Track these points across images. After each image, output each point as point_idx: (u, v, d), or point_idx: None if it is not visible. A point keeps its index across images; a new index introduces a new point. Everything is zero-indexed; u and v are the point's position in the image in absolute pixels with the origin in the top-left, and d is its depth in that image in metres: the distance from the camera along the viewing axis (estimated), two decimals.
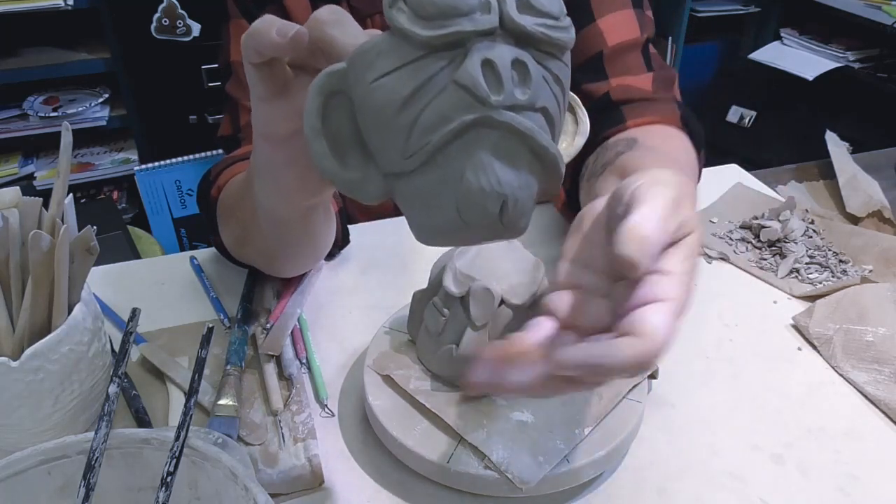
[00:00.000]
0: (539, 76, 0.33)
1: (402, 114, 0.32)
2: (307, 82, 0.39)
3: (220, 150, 1.47)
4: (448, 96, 0.32)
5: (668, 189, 0.36)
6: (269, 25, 0.37)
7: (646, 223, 0.33)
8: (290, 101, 0.41)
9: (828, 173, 0.97)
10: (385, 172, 0.35)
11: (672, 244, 0.35)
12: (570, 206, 0.74)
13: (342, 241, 0.76)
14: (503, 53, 0.32)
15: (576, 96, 0.41)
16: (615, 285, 0.36)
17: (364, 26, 0.75)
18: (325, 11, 0.37)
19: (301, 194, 0.48)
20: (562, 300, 0.37)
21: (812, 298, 0.70)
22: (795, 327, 0.68)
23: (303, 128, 0.35)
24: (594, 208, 0.39)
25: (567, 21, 0.35)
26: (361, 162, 0.35)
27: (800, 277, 0.75)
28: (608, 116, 0.68)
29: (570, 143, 0.42)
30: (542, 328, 0.36)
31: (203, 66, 1.85)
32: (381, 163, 0.35)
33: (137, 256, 1.40)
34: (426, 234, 0.36)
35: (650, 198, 0.35)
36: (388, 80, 0.32)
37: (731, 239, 0.81)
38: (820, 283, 0.74)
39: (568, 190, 0.72)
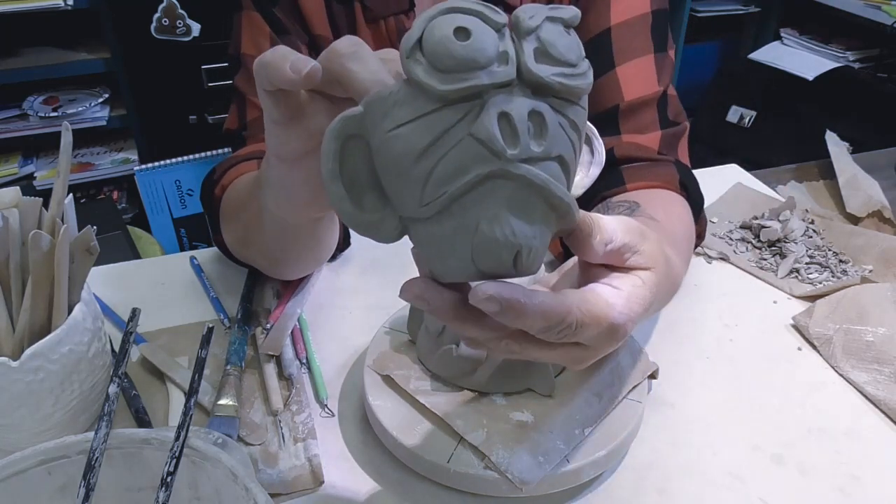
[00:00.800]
0: (556, 125, 0.33)
1: (419, 165, 0.33)
2: (322, 106, 0.39)
3: (221, 150, 1.47)
4: (464, 149, 0.32)
5: (638, 223, 0.42)
6: (281, 59, 0.37)
7: (604, 218, 0.39)
8: (304, 124, 0.41)
9: (828, 173, 0.97)
10: (401, 215, 0.35)
11: (626, 270, 0.41)
12: (567, 255, 0.73)
13: (343, 243, 0.76)
14: (520, 106, 0.32)
15: (592, 126, 0.41)
16: None
17: (377, 29, 0.74)
18: (345, 43, 0.36)
19: (312, 208, 0.48)
20: None
21: (812, 298, 0.70)
22: (795, 327, 0.68)
23: (316, 147, 0.36)
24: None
25: (585, 65, 0.35)
26: (378, 204, 0.35)
27: (800, 277, 0.75)
28: (608, 176, 0.67)
29: (585, 174, 0.43)
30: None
31: (203, 66, 1.85)
32: (397, 207, 0.35)
33: (137, 256, 1.40)
34: (440, 273, 0.36)
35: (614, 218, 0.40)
36: (404, 130, 0.32)
37: (731, 239, 0.81)
38: (820, 283, 0.74)
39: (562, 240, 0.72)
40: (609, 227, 0.40)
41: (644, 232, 0.42)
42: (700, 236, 0.71)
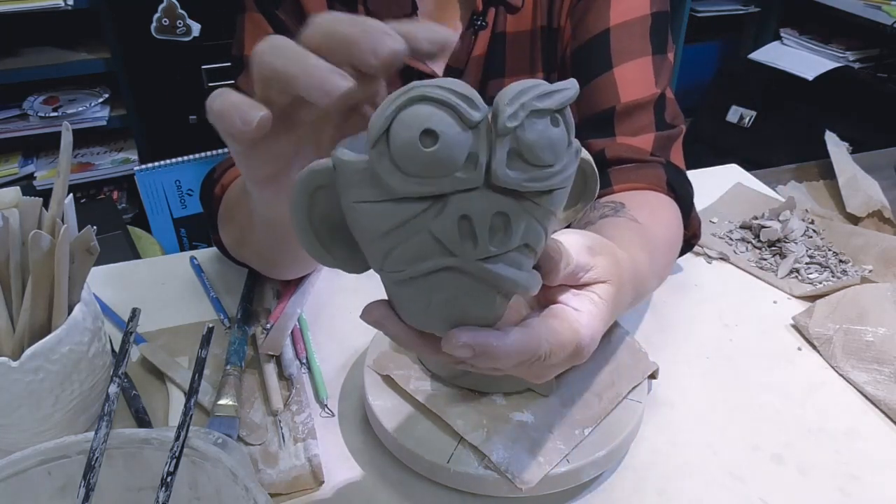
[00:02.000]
0: (522, 220, 0.32)
1: (380, 242, 0.33)
2: (280, 129, 0.38)
3: (221, 150, 1.47)
4: (422, 242, 0.32)
5: (586, 240, 0.43)
6: (231, 109, 0.34)
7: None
8: (266, 151, 0.40)
9: (828, 173, 0.97)
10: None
11: (582, 286, 0.42)
12: None
13: None
14: (483, 208, 0.31)
15: (591, 160, 0.40)
16: None
17: None
18: (263, 44, 0.35)
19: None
20: None
21: (812, 298, 0.71)
22: (795, 327, 0.68)
23: (284, 168, 0.37)
24: None
25: (564, 160, 0.33)
26: (346, 246, 0.36)
27: (800, 277, 0.75)
28: None
29: (573, 208, 0.42)
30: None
31: (203, 66, 1.85)
32: (364, 254, 0.36)
33: (137, 256, 1.40)
34: (402, 317, 0.37)
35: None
36: (367, 207, 0.32)
37: (731, 239, 0.81)
38: (820, 283, 0.74)
39: None
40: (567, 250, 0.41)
41: (594, 247, 0.43)
42: (695, 235, 0.71)
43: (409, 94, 0.30)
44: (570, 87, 0.32)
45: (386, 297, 0.37)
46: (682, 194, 0.67)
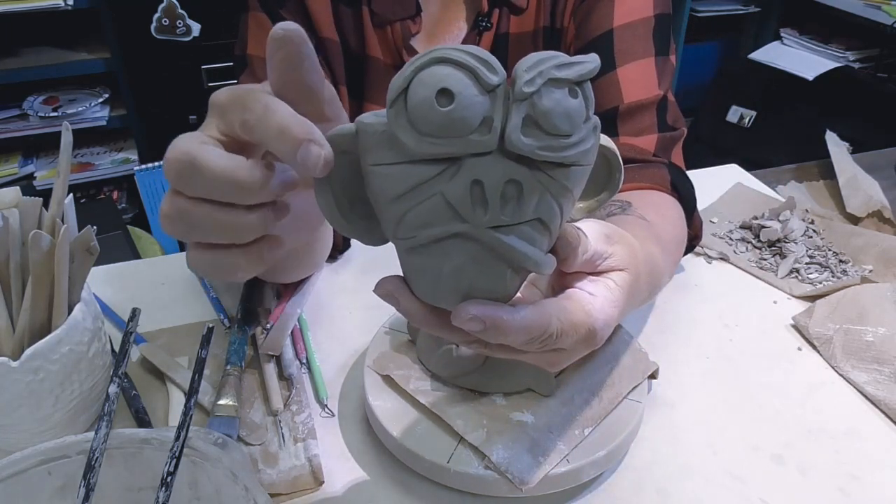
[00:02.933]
0: (535, 191, 0.32)
1: (394, 205, 0.33)
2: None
3: None
4: (434, 205, 0.32)
5: (604, 228, 0.43)
6: (233, 172, 0.33)
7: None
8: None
9: (828, 173, 0.97)
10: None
11: (599, 273, 0.42)
12: None
13: (342, 245, 0.76)
14: (496, 174, 0.31)
15: (616, 150, 0.39)
16: None
17: (384, 34, 0.75)
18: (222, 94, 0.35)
19: (296, 235, 0.46)
20: None
21: (812, 298, 0.70)
22: (795, 327, 0.68)
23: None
24: None
25: (583, 132, 0.33)
26: (365, 214, 0.36)
27: (800, 277, 0.75)
28: None
29: (594, 197, 0.41)
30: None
31: (203, 66, 1.85)
32: (380, 222, 0.36)
33: (137, 256, 1.40)
34: (414, 291, 0.37)
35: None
36: (383, 170, 0.32)
37: (731, 239, 0.81)
38: (820, 283, 0.74)
39: None
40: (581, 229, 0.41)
41: (611, 236, 0.43)
42: (697, 236, 0.71)
43: (430, 55, 0.30)
44: (590, 61, 0.32)
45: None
46: (685, 195, 0.68)
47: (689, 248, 0.71)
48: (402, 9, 0.71)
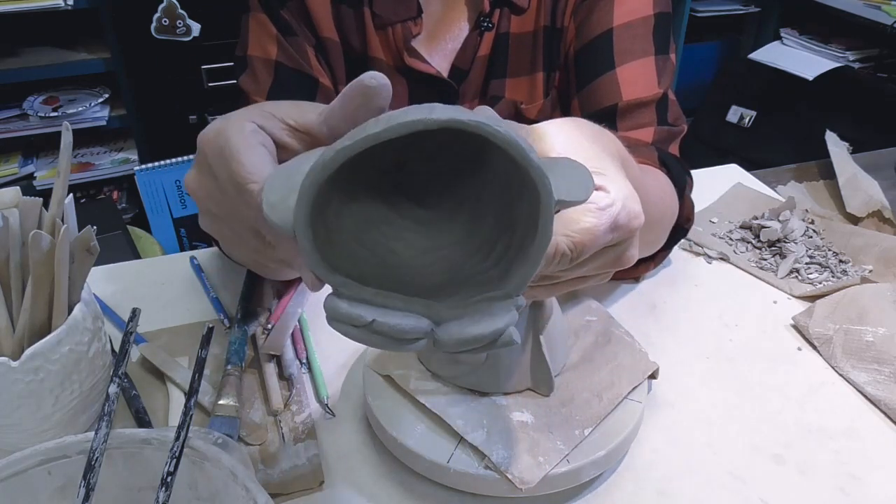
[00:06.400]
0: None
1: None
2: None
3: None
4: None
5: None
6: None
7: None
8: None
9: (828, 173, 0.97)
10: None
11: None
12: None
13: None
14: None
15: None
16: None
17: (385, 35, 0.75)
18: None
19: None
20: None
21: (812, 298, 0.70)
22: (795, 327, 0.68)
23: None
24: None
25: (502, 322, 0.34)
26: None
27: (800, 277, 0.75)
28: None
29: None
30: None
31: (203, 66, 1.85)
32: None
33: (137, 256, 1.40)
34: None
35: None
36: None
37: (731, 239, 0.81)
38: (820, 283, 0.74)
39: None
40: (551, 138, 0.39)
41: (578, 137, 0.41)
42: (689, 219, 0.70)
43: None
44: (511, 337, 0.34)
45: None
46: (675, 172, 0.67)
47: (682, 233, 0.70)
48: (403, 10, 0.71)
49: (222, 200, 0.38)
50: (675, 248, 0.77)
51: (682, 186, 0.68)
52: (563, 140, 0.40)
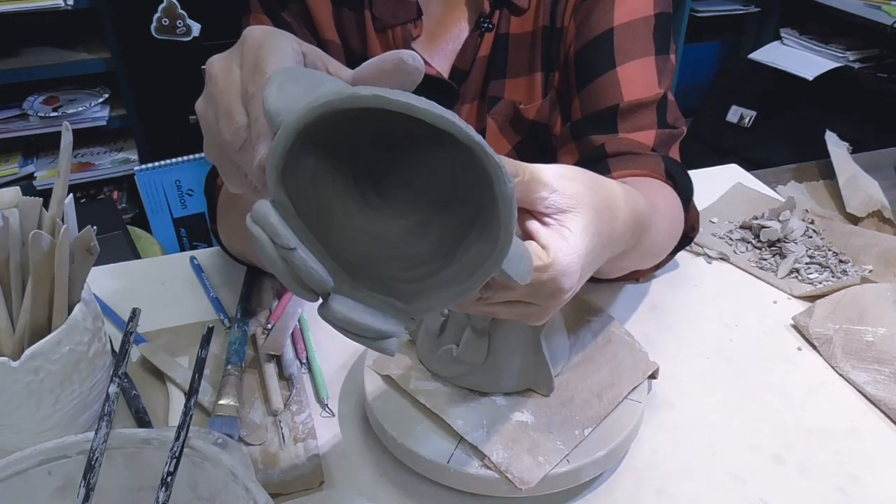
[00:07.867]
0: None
1: None
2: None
3: None
4: None
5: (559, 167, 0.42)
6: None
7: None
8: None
9: (828, 173, 0.97)
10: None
11: (549, 216, 0.41)
12: None
13: None
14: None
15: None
16: None
17: (385, 38, 0.75)
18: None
19: None
20: None
21: (812, 298, 0.70)
22: (795, 327, 0.68)
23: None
24: None
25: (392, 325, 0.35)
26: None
27: (800, 277, 0.75)
28: (594, 168, 0.67)
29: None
30: None
31: (203, 67, 1.85)
32: None
33: (137, 256, 1.40)
34: None
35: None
36: None
37: (731, 239, 0.81)
38: (820, 283, 0.74)
39: None
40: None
41: (565, 174, 0.42)
42: (694, 228, 0.70)
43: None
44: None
45: None
46: (681, 184, 0.67)
47: (687, 241, 0.71)
48: (403, 13, 0.71)
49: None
50: None
51: (688, 197, 0.68)
52: (555, 170, 0.41)
